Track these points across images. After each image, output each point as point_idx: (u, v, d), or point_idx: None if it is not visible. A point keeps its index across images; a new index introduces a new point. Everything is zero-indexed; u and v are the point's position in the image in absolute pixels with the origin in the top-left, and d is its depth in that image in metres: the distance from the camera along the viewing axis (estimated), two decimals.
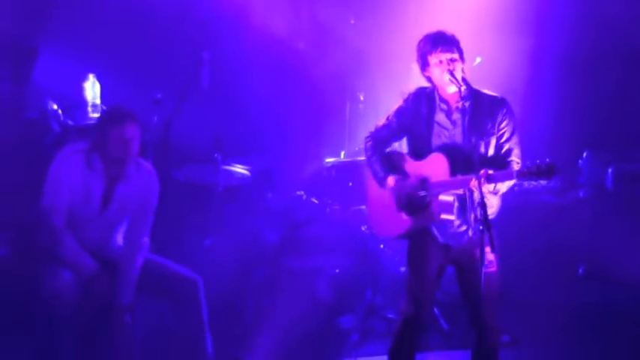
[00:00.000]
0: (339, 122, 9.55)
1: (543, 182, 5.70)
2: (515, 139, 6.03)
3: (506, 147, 6.01)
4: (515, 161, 5.98)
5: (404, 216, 6.04)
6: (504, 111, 6.02)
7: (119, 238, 6.62)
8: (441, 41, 5.96)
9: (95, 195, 6.44)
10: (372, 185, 6.28)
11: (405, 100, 6.17)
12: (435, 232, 6.03)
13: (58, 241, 6.32)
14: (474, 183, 5.69)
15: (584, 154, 9.70)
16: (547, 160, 5.64)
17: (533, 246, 9.19)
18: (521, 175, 5.66)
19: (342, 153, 9.14)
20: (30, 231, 6.76)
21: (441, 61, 5.94)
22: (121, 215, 6.55)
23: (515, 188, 6.44)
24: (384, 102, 7.26)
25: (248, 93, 9.59)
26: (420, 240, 6.09)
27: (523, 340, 7.77)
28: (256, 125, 9.65)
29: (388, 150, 6.25)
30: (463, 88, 5.86)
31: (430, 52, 5.97)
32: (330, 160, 9.02)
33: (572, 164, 9.68)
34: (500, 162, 5.95)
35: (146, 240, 6.60)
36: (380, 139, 6.23)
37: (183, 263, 6.87)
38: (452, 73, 5.89)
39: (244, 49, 9.63)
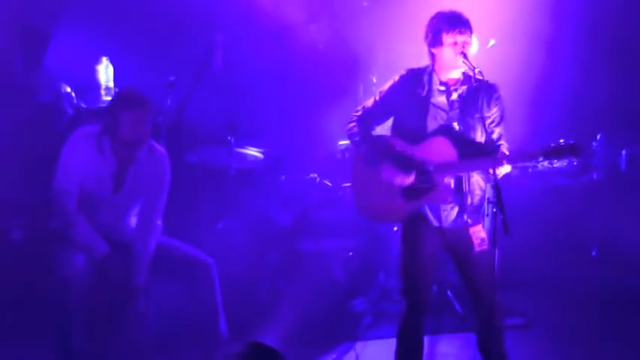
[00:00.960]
0: (352, 104, 9.52)
1: (565, 163, 5.68)
2: (503, 125, 6.04)
3: (497, 131, 6.00)
4: (505, 145, 5.97)
5: (399, 200, 6.01)
6: (496, 95, 6.02)
7: (132, 221, 6.64)
8: (459, 22, 5.92)
9: (106, 177, 6.46)
10: (359, 168, 6.22)
11: (397, 81, 6.11)
12: (429, 215, 6.00)
13: (71, 224, 6.34)
14: (492, 165, 5.68)
15: (598, 137, 9.68)
16: (570, 140, 5.63)
17: (547, 228, 9.18)
18: (545, 154, 5.64)
19: None
20: (43, 214, 6.77)
21: (456, 43, 5.90)
22: (133, 198, 6.57)
23: (530, 170, 6.45)
24: None
25: (261, 75, 9.57)
26: (413, 224, 6.06)
27: (536, 322, 7.77)
28: (269, 108, 9.63)
29: (374, 133, 6.20)
30: (477, 70, 5.84)
31: (447, 31, 5.92)
32: (343, 142, 9.01)
33: (586, 146, 9.65)
34: (490, 146, 5.94)
35: (159, 222, 6.62)
36: (368, 122, 6.16)
37: (196, 246, 6.87)
38: (465, 56, 5.87)
39: (257, 31, 9.61)
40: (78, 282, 6.20)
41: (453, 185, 5.93)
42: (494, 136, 5.98)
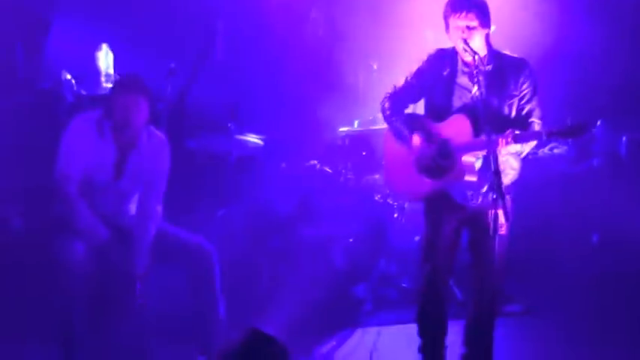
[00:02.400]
0: (352, 91, 9.52)
1: (568, 143, 5.65)
2: (535, 101, 6.00)
3: (527, 108, 5.97)
4: (537, 122, 5.96)
5: (425, 178, 6.02)
6: (527, 72, 5.98)
7: (132, 208, 6.65)
8: (459, 6, 5.87)
9: (107, 163, 6.46)
10: (389, 147, 6.26)
11: (426, 62, 6.11)
12: (453, 192, 5.99)
13: (72, 209, 6.34)
14: (501, 143, 5.68)
15: (599, 123, 9.66)
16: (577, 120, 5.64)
17: (548, 215, 9.17)
18: (551, 134, 5.64)
19: (356, 122, 9.11)
20: (43, 201, 6.78)
21: (458, 27, 5.88)
22: (134, 184, 6.57)
23: (530, 157, 6.42)
24: (397, 71, 7.21)
25: (261, 62, 9.57)
26: (436, 202, 6.07)
27: (537, 308, 7.78)
28: (270, 94, 9.63)
29: (406, 112, 6.22)
30: (476, 57, 5.83)
31: (449, 16, 5.91)
32: (343, 129, 9.01)
33: (590, 124, 9.63)
34: (521, 123, 5.93)
35: (159, 208, 6.62)
36: (399, 100, 6.18)
37: (196, 232, 6.87)
38: (466, 42, 5.84)
39: (257, 18, 9.60)
40: (78, 269, 6.20)
41: (478, 164, 5.90)
42: (525, 112, 5.96)
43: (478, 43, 5.89)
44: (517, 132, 5.73)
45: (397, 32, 9.42)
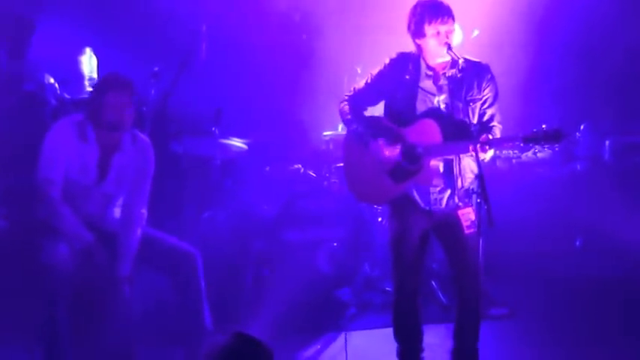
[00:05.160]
0: (336, 95, 9.51)
1: (546, 149, 5.68)
2: (496, 105, 6.03)
3: (489, 112, 6.00)
4: (498, 127, 5.99)
5: (387, 182, 6.02)
6: (489, 76, 6.00)
7: (117, 211, 6.63)
8: (440, 11, 5.90)
9: (90, 166, 6.44)
10: (350, 151, 6.25)
11: (388, 65, 6.11)
12: (417, 197, 5.99)
13: (55, 213, 6.31)
14: (478, 148, 5.68)
15: (582, 126, 9.71)
16: (552, 126, 5.62)
17: (531, 218, 9.20)
18: (527, 139, 5.62)
19: (340, 126, 9.10)
20: (27, 204, 6.76)
21: (438, 33, 5.89)
22: (118, 187, 6.56)
23: (514, 161, 6.44)
24: None
25: (245, 66, 9.57)
26: (401, 206, 6.07)
27: (520, 312, 7.79)
28: (254, 98, 9.62)
29: (366, 114, 6.22)
30: (461, 61, 5.85)
31: (429, 22, 5.90)
32: (327, 133, 9.02)
33: (568, 132, 9.66)
34: (483, 127, 5.95)
35: (144, 211, 6.60)
36: (358, 102, 6.19)
37: (181, 236, 6.87)
38: (449, 47, 5.87)
39: (241, 21, 9.59)
40: (62, 271, 6.17)
41: (442, 168, 5.91)
42: (486, 117, 5.99)
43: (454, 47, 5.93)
44: (490, 136, 5.75)
45: (381, 37, 9.42)
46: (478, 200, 5.61)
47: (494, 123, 6.00)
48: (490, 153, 5.80)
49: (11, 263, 6.93)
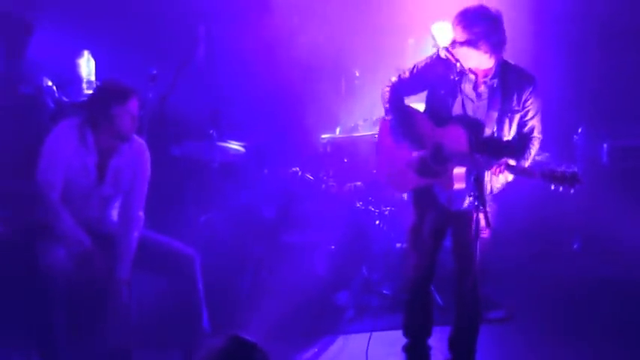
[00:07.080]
0: (334, 98, 9.54)
1: (560, 188, 5.67)
2: (538, 117, 6.05)
3: (529, 124, 6.04)
4: (537, 138, 6.03)
5: (412, 174, 6.09)
6: (531, 89, 6.00)
7: (114, 214, 6.63)
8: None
9: (89, 169, 6.44)
10: (384, 134, 6.33)
11: (436, 58, 6.07)
12: (439, 195, 6.08)
13: (54, 216, 6.31)
14: (494, 170, 5.71)
15: (580, 130, 9.71)
16: (572, 167, 5.63)
17: (529, 221, 9.20)
18: (543, 176, 5.63)
19: (338, 129, 9.13)
20: (25, 207, 6.75)
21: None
22: (115, 189, 6.56)
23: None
24: (379, 78, 7.23)
25: (243, 69, 9.57)
26: (421, 197, 6.18)
27: (518, 315, 7.79)
28: (252, 101, 9.63)
29: (408, 105, 6.26)
30: (458, 64, 5.86)
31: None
32: (325, 136, 9.02)
33: (567, 139, 9.69)
34: (521, 138, 5.97)
35: (141, 214, 6.60)
36: (401, 90, 6.20)
37: (179, 239, 6.86)
38: (447, 49, 5.88)
39: (239, 24, 9.60)
40: (60, 274, 6.17)
41: (465, 174, 5.90)
42: (526, 129, 6.02)
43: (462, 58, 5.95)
44: (511, 162, 5.76)
45: (380, 40, 9.44)
46: (475, 203, 5.62)
47: (535, 134, 6.03)
48: (508, 177, 5.84)
49: (8, 266, 6.92)
